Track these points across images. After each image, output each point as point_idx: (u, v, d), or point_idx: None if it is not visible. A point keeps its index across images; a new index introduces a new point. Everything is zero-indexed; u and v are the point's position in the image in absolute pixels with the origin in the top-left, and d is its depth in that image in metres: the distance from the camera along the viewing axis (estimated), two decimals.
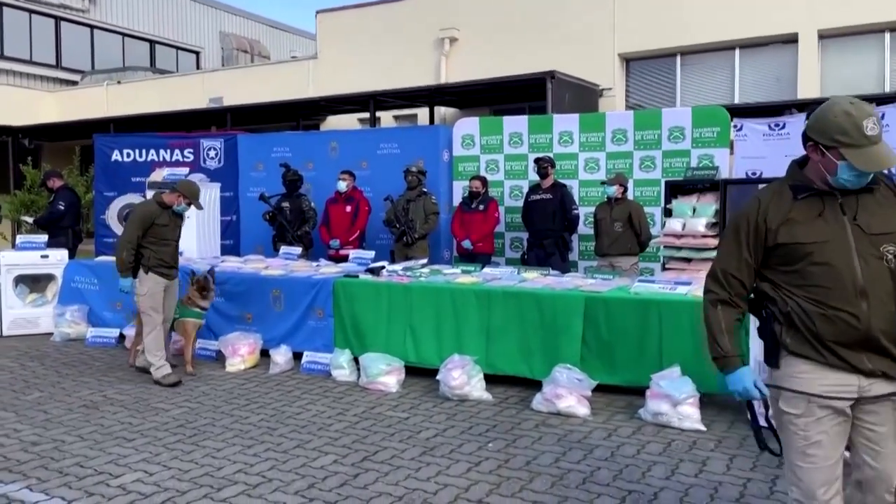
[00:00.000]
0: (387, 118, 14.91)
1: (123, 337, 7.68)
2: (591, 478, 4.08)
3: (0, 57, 19.47)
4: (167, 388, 6.00)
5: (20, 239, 8.87)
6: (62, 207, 9.62)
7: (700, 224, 6.37)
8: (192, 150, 10.80)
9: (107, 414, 5.33)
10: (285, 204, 8.78)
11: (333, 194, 8.76)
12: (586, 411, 5.20)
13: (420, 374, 6.18)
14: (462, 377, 5.61)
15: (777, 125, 7.51)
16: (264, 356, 6.80)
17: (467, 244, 8.17)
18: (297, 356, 6.70)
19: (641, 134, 8.38)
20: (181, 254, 6.84)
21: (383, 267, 6.98)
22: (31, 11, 20.05)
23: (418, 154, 9.19)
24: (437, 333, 6.21)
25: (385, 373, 5.96)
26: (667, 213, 6.77)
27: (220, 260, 8.33)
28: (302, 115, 15.55)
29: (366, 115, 13.44)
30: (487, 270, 6.91)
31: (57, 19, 20.70)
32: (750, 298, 2.62)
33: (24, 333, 8.31)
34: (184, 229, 6.75)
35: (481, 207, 8.27)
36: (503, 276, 6.56)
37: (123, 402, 5.63)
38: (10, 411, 5.40)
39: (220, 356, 6.81)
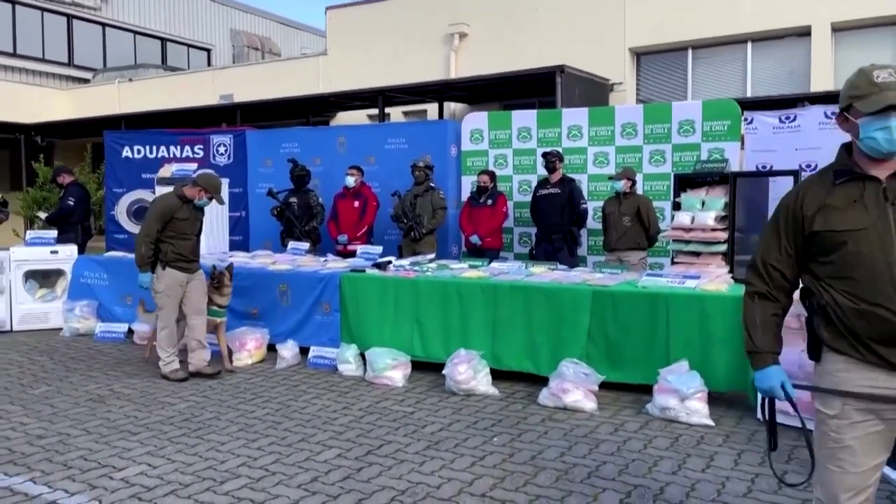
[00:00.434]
0: (396, 114, 14.87)
1: (132, 332, 7.72)
2: (597, 472, 4.03)
3: (13, 55, 19.60)
4: (174, 383, 6.00)
5: (29, 235, 8.91)
6: (72, 203, 9.68)
7: (709, 217, 6.30)
8: (202, 147, 10.82)
9: (113, 408, 5.34)
10: (293, 199, 8.78)
11: (341, 189, 8.75)
12: (593, 406, 5.16)
13: (426, 369, 6.15)
14: (468, 372, 5.58)
15: (787, 118, 7.42)
16: (271, 351, 6.80)
17: (475, 239, 8.12)
18: (305, 351, 6.70)
19: (651, 127, 8.31)
20: None
21: (390, 262, 6.95)
22: (44, 10, 20.16)
23: (426, 149, 9.16)
24: (444, 328, 6.19)
25: (391, 367, 5.93)
26: (675, 207, 6.70)
27: (229, 255, 8.34)
28: (312, 112, 15.56)
29: (375, 112, 13.41)
30: (494, 265, 6.87)
31: (69, 17, 20.80)
32: (791, 291, 2.45)
33: (34, 328, 8.35)
34: None
35: (489, 202, 8.22)
36: (510, 271, 6.52)
37: (130, 396, 5.64)
38: (18, 405, 5.42)
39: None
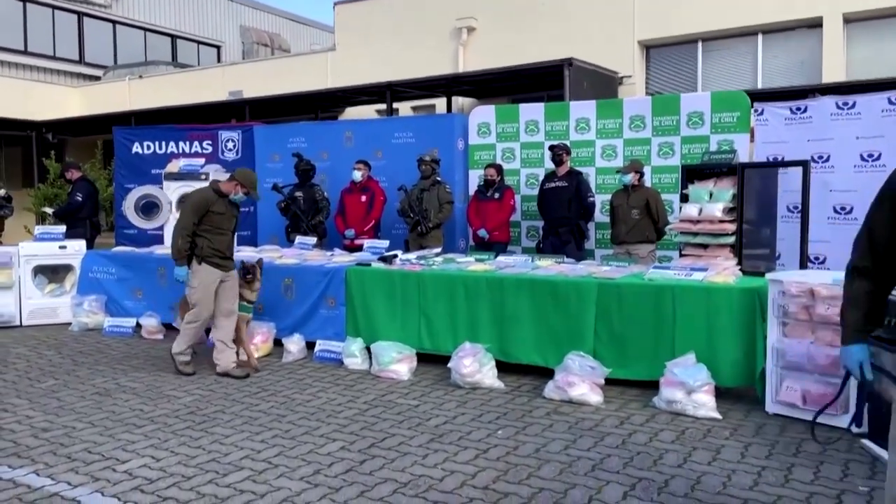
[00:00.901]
0: (405, 109, 14.83)
1: (140, 326, 7.74)
2: (601, 465, 4.00)
3: (24, 53, 19.68)
4: (180, 377, 6.01)
5: (38, 230, 8.94)
6: (80, 199, 9.71)
7: (717, 209, 6.22)
8: (211, 142, 10.84)
9: (119, 401, 5.35)
10: (298, 193, 8.77)
11: (349, 184, 8.73)
12: (599, 399, 5.12)
13: (432, 362, 6.13)
14: (474, 365, 5.55)
15: (799, 109, 7.32)
16: (277, 345, 6.80)
17: (483, 233, 8.09)
18: (311, 346, 6.69)
19: (660, 120, 8.23)
20: None
21: (396, 256, 6.93)
22: (54, 7, 20.23)
23: (433, 143, 9.10)
24: (451, 321, 6.16)
25: (396, 361, 5.92)
26: (683, 199, 6.62)
27: (236, 250, 8.32)
28: (320, 107, 15.55)
29: (384, 107, 13.38)
30: (501, 258, 6.84)
31: (80, 15, 20.87)
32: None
33: (43, 323, 8.40)
34: None
35: (496, 196, 8.18)
36: (516, 264, 6.48)
37: (136, 390, 5.65)
38: (24, 398, 5.43)
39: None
